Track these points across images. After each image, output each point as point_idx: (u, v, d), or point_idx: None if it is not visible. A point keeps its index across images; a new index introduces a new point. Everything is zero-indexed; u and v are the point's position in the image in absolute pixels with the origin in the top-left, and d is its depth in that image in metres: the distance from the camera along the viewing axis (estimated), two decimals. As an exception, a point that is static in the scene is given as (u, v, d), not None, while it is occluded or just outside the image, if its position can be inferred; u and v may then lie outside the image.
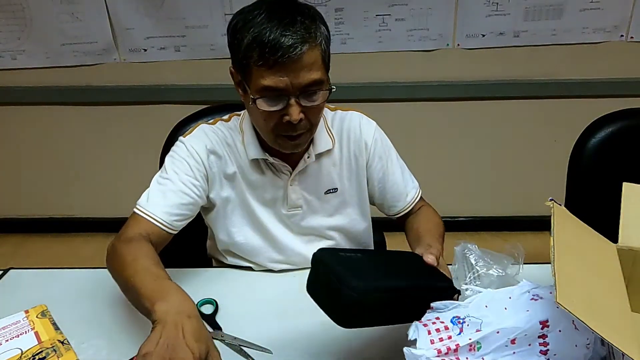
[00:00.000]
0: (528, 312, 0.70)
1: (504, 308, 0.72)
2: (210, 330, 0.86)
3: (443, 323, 0.71)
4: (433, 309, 0.75)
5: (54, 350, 0.82)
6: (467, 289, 0.86)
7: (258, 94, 0.87)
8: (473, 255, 0.92)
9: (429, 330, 0.70)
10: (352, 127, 1.07)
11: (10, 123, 2.37)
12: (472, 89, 2.19)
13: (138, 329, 0.89)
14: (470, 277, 0.89)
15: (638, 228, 0.84)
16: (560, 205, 0.81)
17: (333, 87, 0.91)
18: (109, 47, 2.16)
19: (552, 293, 0.72)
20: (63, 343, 0.84)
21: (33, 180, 2.51)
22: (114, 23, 2.12)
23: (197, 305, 0.91)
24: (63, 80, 2.25)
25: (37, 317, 0.90)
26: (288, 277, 1.06)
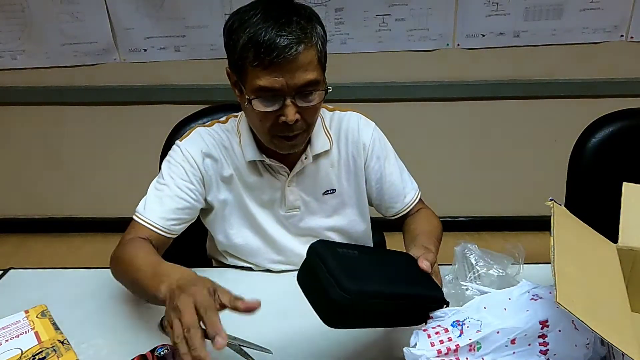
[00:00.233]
0: (528, 312, 0.70)
1: (504, 309, 0.72)
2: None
3: (442, 327, 0.71)
4: (433, 319, 0.75)
5: (54, 350, 0.82)
6: (467, 288, 0.87)
7: (254, 95, 0.87)
8: (473, 255, 0.92)
9: (429, 334, 0.70)
10: (350, 127, 1.07)
11: (10, 123, 2.37)
12: (472, 89, 2.19)
13: (138, 329, 0.89)
14: (471, 277, 0.89)
15: (638, 228, 0.84)
16: (560, 205, 0.81)
17: (329, 87, 0.91)
18: (109, 47, 2.16)
19: (551, 293, 0.72)
20: (63, 343, 0.84)
21: (33, 180, 2.51)
22: (114, 23, 2.12)
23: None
24: (63, 80, 2.25)
25: (37, 317, 0.90)
26: (288, 277, 1.06)
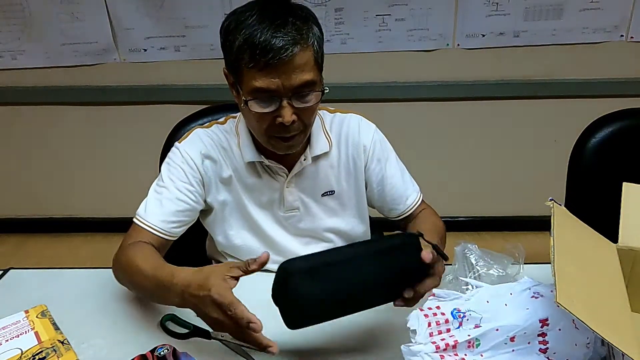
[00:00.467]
0: (528, 310, 0.70)
1: (504, 304, 0.72)
2: (211, 330, 0.87)
3: (444, 315, 0.71)
4: (435, 296, 0.75)
5: (54, 350, 0.82)
6: (467, 288, 0.87)
7: (250, 96, 0.87)
8: (473, 255, 0.92)
9: (429, 322, 0.70)
10: (350, 129, 1.07)
11: (10, 123, 2.37)
12: (472, 89, 2.19)
13: (138, 329, 0.89)
14: (471, 277, 0.90)
15: (638, 228, 0.84)
16: (560, 205, 0.81)
17: (326, 88, 0.91)
18: (109, 47, 2.16)
19: (552, 291, 0.72)
20: (63, 343, 0.84)
21: (33, 180, 2.51)
22: (114, 23, 2.12)
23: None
24: (63, 80, 2.25)
25: (37, 317, 0.89)
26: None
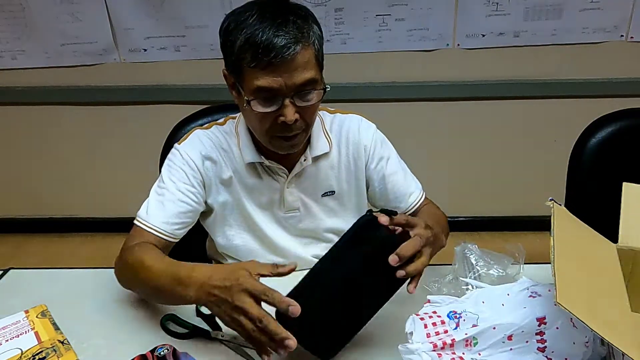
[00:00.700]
0: (525, 309, 0.70)
1: (501, 304, 0.72)
2: (211, 330, 0.87)
3: (440, 317, 0.72)
4: (430, 303, 0.75)
5: (54, 350, 0.82)
6: (467, 288, 0.87)
7: (252, 96, 0.86)
8: (473, 255, 0.92)
9: (426, 324, 0.71)
10: (351, 130, 1.07)
11: (10, 123, 2.37)
12: (472, 89, 2.19)
13: (138, 329, 0.89)
14: (471, 277, 0.90)
15: (638, 228, 0.84)
16: (560, 205, 0.81)
17: (327, 86, 0.91)
18: (109, 47, 2.16)
19: (550, 290, 0.72)
20: (63, 343, 0.84)
21: (33, 180, 2.51)
22: (114, 23, 2.12)
23: (197, 305, 0.92)
24: (63, 80, 2.25)
25: (37, 317, 0.89)
26: (287, 278, 1.06)
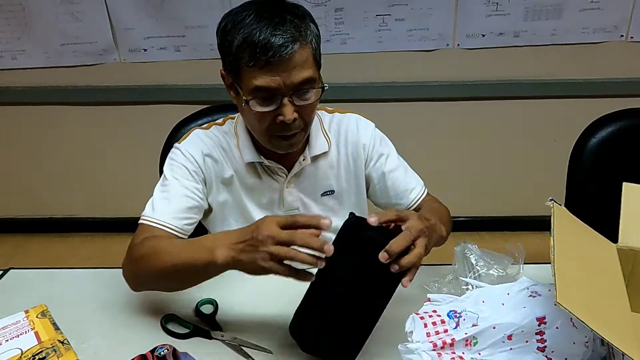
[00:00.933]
0: (525, 308, 0.70)
1: (501, 304, 0.72)
2: (211, 330, 0.87)
3: (440, 317, 0.72)
4: (430, 302, 0.75)
5: (54, 350, 0.82)
6: (467, 288, 0.87)
7: (251, 95, 0.86)
8: (473, 255, 0.92)
9: (425, 324, 0.71)
10: (349, 129, 1.07)
11: (10, 123, 2.37)
12: (472, 89, 2.19)
13: (138, 329, 0.89)
14: (471, 277, 0.90)
15: (638, 228, 0.84)
16: (560, 205, 0.81)
17: (326, 85, 0.91)
18: (109, 47, 2.16)
19: (550, 290, 0.72)
20: (63, 343, 0.84)
21: (33, 180, 2.51)
22: (114, 23, 2.11)
23: (197, 305, 0.92)
24: (63, 80, 2.24)
25: (37, 317, 0.89)
26: (290, 280, 1.06)
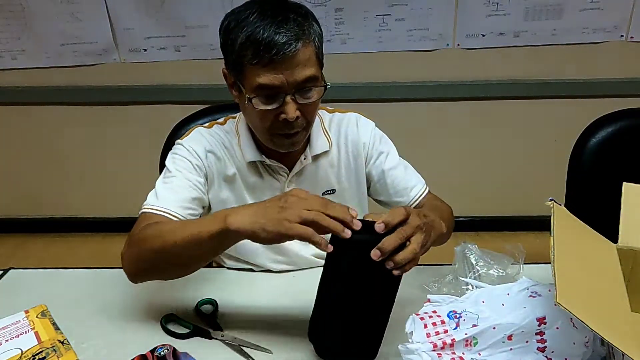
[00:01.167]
0: (525, 309, 0.70)
1: (501, 304, 0.72)
2: (211, 330, 0.87)
3: (440, 317, 0.72)
4: (430, 302, 0.75)
5: (54, 350, 0.82)
6: (467, 288, 0.87)
7: (253, 93, 0.87)
8: (473, 255, 0.92)
9: (425, 324, 0.71)
10: (350, 128, 1.07)
11: (10, 123, 2.37)
12: (472, 89, 2.19)
13: (138, 329, 0.89)
14: (471, 277, 0.90)
15: (638, 228, 0.84)
16: (560, 205, 0.81)
17: (328, 83, 0.91)
18: (109, 47, 2.16)
19: (550, 290, 0.72)
20: (63, 343, 0.84)
21: (33, 180, 2.51)
22: (114, 23, 2.12)
23: (197, 305, 0.92)
24: (63, 80, 2.25)
25: (37, 317, 0.89)
26: (288, 277, 1.06)
